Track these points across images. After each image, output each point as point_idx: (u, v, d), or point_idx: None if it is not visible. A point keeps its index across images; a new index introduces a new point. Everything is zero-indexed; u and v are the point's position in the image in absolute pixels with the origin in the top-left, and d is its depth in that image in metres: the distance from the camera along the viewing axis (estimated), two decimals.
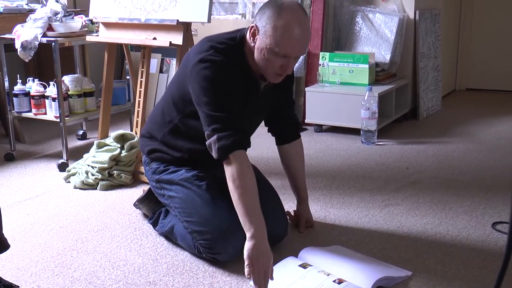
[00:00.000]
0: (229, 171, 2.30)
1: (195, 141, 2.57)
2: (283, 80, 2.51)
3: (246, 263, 2.19)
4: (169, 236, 2.71)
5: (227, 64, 2.37)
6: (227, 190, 2.48)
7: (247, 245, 2.21)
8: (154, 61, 5.36)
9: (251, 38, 2.38)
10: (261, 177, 2.79)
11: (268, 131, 2.86)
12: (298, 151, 2.88)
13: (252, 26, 2.37)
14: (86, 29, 4.05)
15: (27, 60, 3.83)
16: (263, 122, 2.83)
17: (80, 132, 4.68)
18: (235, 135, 2.30)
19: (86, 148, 4.04)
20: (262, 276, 2.18)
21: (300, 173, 2.88)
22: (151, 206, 2.88)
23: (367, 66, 4.70)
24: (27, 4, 4.65)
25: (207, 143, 2.35)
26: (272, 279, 2.18)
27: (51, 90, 3.94)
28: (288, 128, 2.85)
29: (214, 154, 2.33)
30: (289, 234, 2.72)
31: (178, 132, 2.61)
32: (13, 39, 3.86)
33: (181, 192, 2.57)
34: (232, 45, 2.44)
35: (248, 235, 2.23)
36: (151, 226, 2.86)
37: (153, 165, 2.72)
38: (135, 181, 3.58)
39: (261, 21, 2.33)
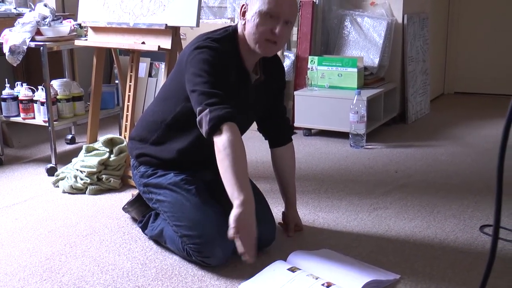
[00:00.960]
0: (220, 141, 2.21)
1: (186, 140, 2.57)
2: (274, 79, 2.62)
3: (232, 226, 2.11)
4: (159, 239, 2.70)
5: (222, 51, 2.42)
6: (216, 194, 2.48)
7: (236, 211, 2.12)
8: (143, 65, 5.35)
9: (242, 17, 2.47)
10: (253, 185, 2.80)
11: (262, 132, 2.86)
12: (290, 155, 2.88)
13: (242, 5, 2.48)
14: (74, 33, 4.05)
15: (15, 65, 3.82)
16: (255, 126, 2.84)
17: (69, 137, 4.67)
18: (229, 108, 2.27)
19: (74, 153, 4.03)
20: (248, 243, 2.13)
21: (291, 178, 2.89)
22: (141, 209, 2.88)
23: (355, 70, 4.71)
24: (15, 8, 4.64)
25: (197, 119, 2.29)
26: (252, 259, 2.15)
27: (40, 95, 3.93)
28: (281, 130, 2.84)
29: (204, 127, 2.25)
30: (278, 238, 2.72)
31: (170, 132, 2.60)
32: (1, 44, 3.85)
33: (169, 196, 2.57)
34: (226, 35, 2.50)
35: (236, 202, 2.14)
36: (140, 230, 2.86)
37: (141, 169, 2.72)
38: (124, 186, 3.58)
39: None
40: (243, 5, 2.47)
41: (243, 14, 2.47)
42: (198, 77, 2.35)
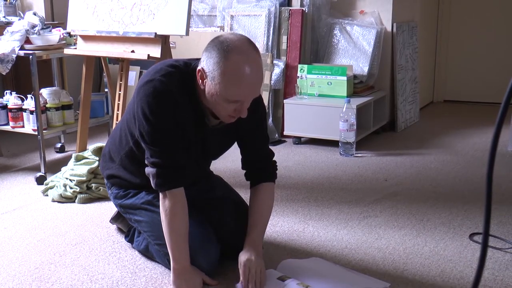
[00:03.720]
0: (164, 205, 2.30)
1: None
2: (245, 120, 2.34)
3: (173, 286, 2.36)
4: (146, 254, 2.68)
5: (172, 94, 2.24)
6: (192, 206, 2.44)
7: (171, 276, 2.36)
8: (133, 74, 5.35)
9: (200, 81, 2.22)
10: (230, 191, 2.77)
11: (245, 175, 2.63)
12: (268, 196, 2.59)
13: (199, 70, 2.20)
14: (64, 42, 4.05)
15: (4, 73, 3.82)
16: (240, 163, 2.63)
17: (58, 145, 4.66)
18: (173, 173, 2.27)
19: (64, 161, 4.02)
20: None
21: (262, 218, 2.56)
22: (126, 222, 2.85)
23: (345, 78, 4.72)
24: (4, 17, 4.63)
25: (146, 171, 2.32)
26: None
27: (29, 103, 3.92)
28: (259, 172, 2.59)
29: (152, 184, 2.31)
30: (267, 247, 2.72)
31: (134, 156, 2.50)
32: None
33: (146, 216, 2.55)
34: (183, 72, 2.30)
35: (171, 265, 2.35)
36: None
37: (114, 190, 2.69)
38: None
39: (208, 66, 2.16)
40: (199, 70, 2.20)
41: (201, 78, 2.21)
42: (142, 126, 2.25)
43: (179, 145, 2.29)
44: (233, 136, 2.54)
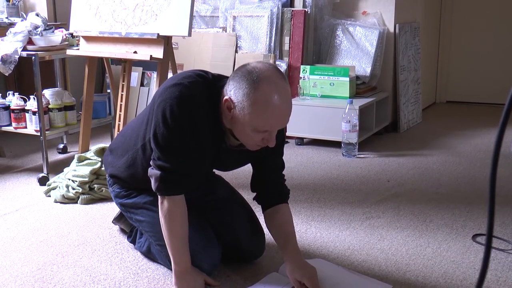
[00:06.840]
0: (163, 209, 2.27)
1: None
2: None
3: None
4: (148, 255, 2.67)
5: (197, 101, 2.20)
6: (193, 208, 2.42)
7: (173, 277, 2.36)
8: (135, 75, 5.35)
9: (227, 110, 2.16)
10: (233, 192, 2.76)
11: (253, 198, 2.56)
12: (285, 217, 2.50)
13: (226, 100, 2.14)
14: (66, 42, 4.04)
15: (7, 74, 3.81)
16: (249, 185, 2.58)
17: (61, 146, 4.66)
18: (177, 180, 2.24)
19: (66, 162, 4.02)
20: None
21: (291, 237, 2.47)
22: (129, 223, 2.84)
23: (347, 79, 4.72)
24: (7, 17, 4.64)
25: (149, 172, 2.28)
26: None
27: (32, 104, 3.92)
28: (274, 194, 2.52)
29: (152, 186, 2.27)
30: (269, 248, 2.72)
31: (140, 159, 2.46)
32: None
33: (147, 216, 2.53)
34: (211, 86, 2.25)
35: (173, 267, 2.35)
36: None
37: (116, 189, 2.67)
38: None
39: (237, 96, 2.11)
40: (227, 100, 2.14)
41: (228, 108, 2.15)
42: (158, 128, 2.20)
43: (190, 153, 2.23)
44: (247, 158, 2.49)
